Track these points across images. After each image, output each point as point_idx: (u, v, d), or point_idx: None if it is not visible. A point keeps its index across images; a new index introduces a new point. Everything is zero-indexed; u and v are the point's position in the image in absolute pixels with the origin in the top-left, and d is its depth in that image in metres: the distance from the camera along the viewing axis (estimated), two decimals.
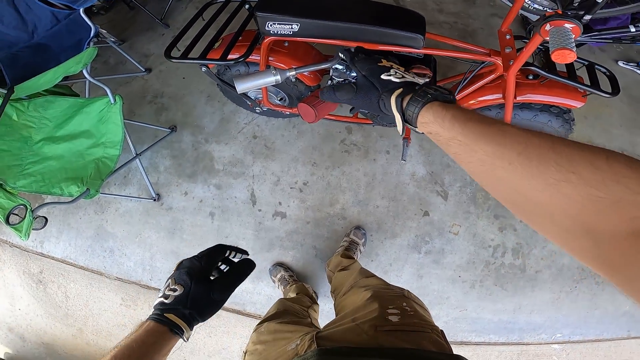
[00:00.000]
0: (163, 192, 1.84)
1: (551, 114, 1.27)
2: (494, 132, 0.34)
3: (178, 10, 2.26)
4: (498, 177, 0.33)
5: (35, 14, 1.67)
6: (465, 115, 0.39)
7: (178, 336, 0.48)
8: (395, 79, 0.51)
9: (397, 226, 1.72)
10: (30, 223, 1.20)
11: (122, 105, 1.46)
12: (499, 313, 1.64)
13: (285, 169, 1.81)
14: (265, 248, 1.74)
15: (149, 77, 2.04)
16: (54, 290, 1.84)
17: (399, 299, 0.72)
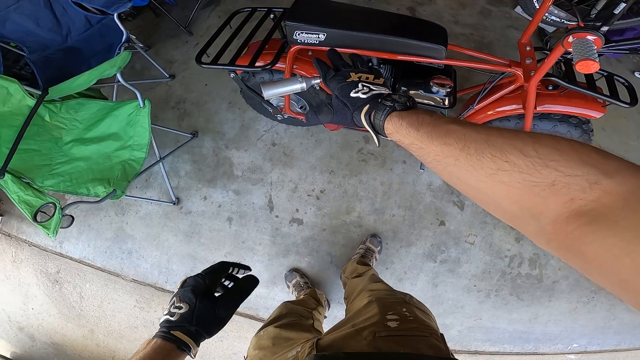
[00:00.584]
0: (183, 196, 1.87)
1: (570, 124, 1.28)
2: (441, 133, 0.37)
3: (201, 18, 2.36)
4: (450, 172, 0.36)
5: (70, 17, 1.75)
6: (418, 120, 0.42)
7: (185, 353, 0.49)
8: (362, 94, 0.52)
9: (413, 235, 1.73)
10: (59, 220, 1.23)
11: (150, 109, 1.51)
12: (514, 323, 1.63)
13: (303, 176, 1.84)
14: (282, 254, 1.76)
15: (172, 84, 2.11)
16: (69, 290, 1.86)
17: (400, 304, 0.72)
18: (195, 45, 2.25)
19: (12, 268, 1.91)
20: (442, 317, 1.64)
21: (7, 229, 1.97)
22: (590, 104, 1.20)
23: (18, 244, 1.93)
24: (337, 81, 0.56)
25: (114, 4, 1.57)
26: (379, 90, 0.53)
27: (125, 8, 1.59)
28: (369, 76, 0.56)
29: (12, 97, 1.38)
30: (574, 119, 1.28)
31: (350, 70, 0.57)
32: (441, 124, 0.39)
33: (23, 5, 1.64)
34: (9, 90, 1.36)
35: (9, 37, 1.67)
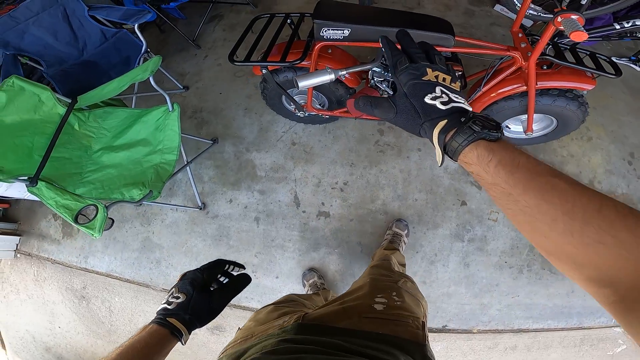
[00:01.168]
0: (208, 200, 1.90)
1: (567, 98, 1.42)
2: (542, 186, 0.33)
3: (207, 32, 2.47)
4: (536, 228, 0.33)
5: (86, 31, 1.82)
6: (512, 161, 0.36)
7: (177, 339, 0.53)
8: (441, 104, 0.43)
9: (438, 217, 1.79)
10: (104, 218, 1.23)
11: (180, 112, 1.56)
12: (552, 298, 1.66)
13: (325, 171, 1.90)
14: (312, 248, 1.78)
15: (187, 94, 2.18)
16: (98, 305, 1.82)
17: (391, 288, 0.75)
18: (204, 57, 2.34)
19: (35, 287, 1.86)
20: (478, 296, 1.67)
21: (26, 248, 1.94)
22: (581, 78, 1.35)
23: (40, 262, 1.90)
24: (411, 76, 0.46)
25: (133, 16, 1.64)
26: (460, 103, 0.44)
27: (146, 19, 1.65)
28: (446, 77, 0.46)
29: (44, 105, 1.41)
30: (570, 93, 1.41)
31: (427, 65, 0.46)
32: (543, 173, 0.34)
33: (42, 18, 1.69)
34: (41, 97, 1.39)
35: (27, 51, 1.71)
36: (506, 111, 1.52)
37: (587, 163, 1.89)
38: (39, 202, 2.03)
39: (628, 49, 2.32)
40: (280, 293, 1.73)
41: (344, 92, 1.63)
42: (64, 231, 1.95)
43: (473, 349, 1.63)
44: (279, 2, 2.59)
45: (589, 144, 1.94)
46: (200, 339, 1.74)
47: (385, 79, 1.53)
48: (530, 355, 1.63)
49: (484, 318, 1.65)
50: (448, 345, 1.63)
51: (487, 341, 1.63)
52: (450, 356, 1.63)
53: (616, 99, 2.10)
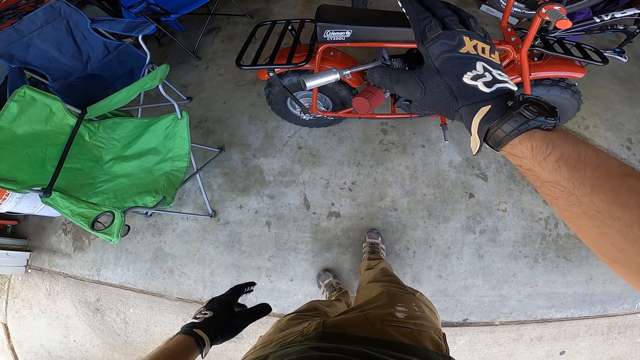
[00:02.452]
0: (218, 208, 1.91)
1: (560, 87, 1.48)
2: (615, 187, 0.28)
3: (206, 44, 2.53)
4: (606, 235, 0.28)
5: (89, 44, 1.85)
6: (577, 155, 0.30)
7: (199, 350, 0.57)
8: (484, 86, 0.35)
9: (447, 210, 1.80)
10: (122, 223, 1.24)
11: (189, 120, 1.59)
12: (571, 286, 1.65)
13: (333, 172, 1.92)
14: (325, 248, 1.79)
15: (191, 105, 2.22)
16: (112, 317, 1.80)
17: (409, 299, 0.75)
18: (206, 68, 2.40)
19: (48, 301, 1.85)
20: (496, 288, 1.66)
21: (37, 264, 1.93)
22: (571, 67, 1.42)
23: (52, 277, 1.89)
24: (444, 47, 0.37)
25: (136, 28, 1.67)
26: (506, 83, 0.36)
27: (149, 31, 1.67)
28: (485, 47, 0.38)
29: (55, 116, 1.43)
30: (562, 82, 1.48)
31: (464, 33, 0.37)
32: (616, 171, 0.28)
33: (46, 31, 1.72)
34: (52, 108, 1.41)
35: (32, 64, 1.73)
36: None
37: None
38: (48, 218, 2.04)
39: (611, 42, 2.40)
40: (295, 296, 1.72)
41: (347, 93, 1.67)
42: (75, 245, 1.95)
43: (497, 342, 1.61)
44: (275, 13, 2.67)
45: (586, 132, 1.98)
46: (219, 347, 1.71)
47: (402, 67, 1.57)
48: (557, 345, 1.61)
49: (504, 309, 1.64)
50: (471, 339, 1.62)
51: (510, 333, 1.61)
52: (475, 349, 1.62)
53: (607, 89, 2.16)
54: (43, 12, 1.70)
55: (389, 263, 1.55)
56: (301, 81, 1.36)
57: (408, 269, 1.72)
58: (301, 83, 1.36)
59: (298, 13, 2.59)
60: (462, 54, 0.36)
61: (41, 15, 1.70)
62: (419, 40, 0.38)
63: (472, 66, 0.36)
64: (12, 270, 1.92)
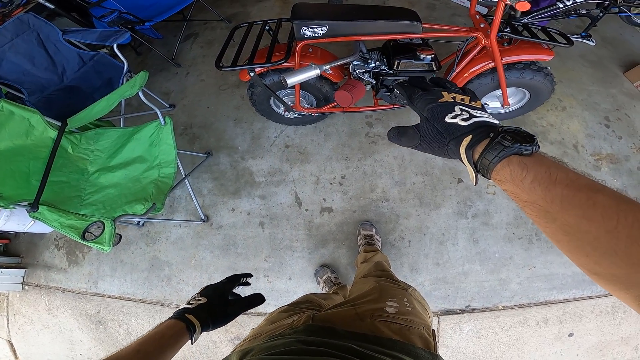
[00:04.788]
0: (211, 212, 1.90)
1: (532, 70, 1.53)
2: (582, 203, 0.31)
3: (185, 50, 2.52)
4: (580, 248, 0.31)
5: (63, 56, 1.82)
6: (549, 177, 0.34)
7: (190, 335, 0.57)
8: (462, 121, 0.42)
9: (438, 197, 1.82)
10: (112, 231, 1.23)
11: (172, 126, 1.59)
12: (570, 266, 1.65)
13: (322, 168, 1.93)
14: (320, 244, 1.79)
15: (174, 112, 2.21)
16: (115, 328, 1.79)
17: (401, 294, 0.74)
18: (186, 74, 2.39)
19: (49, 316, 1.83)
20: (495, 272, 1.67)
21: (34, 280, 1.92)
22: (539, 50, 1.48)
23: (49, 292, 1.87)
24: (427, 101, 0.45)
25: (110, 37, 1.64)
26: (483, 117, 0.42)
27: (124, 39, 1.63)
28: (464, 97, 0.46)
29: (35, 129, 1.41)
30: (534, 65, 1.53)
31: (441, 89, 0.47)
32: (583, 188, 0.32)
33: (17, 44, 1.69)
34: (31, 121, 1.39)
35: (5, 78, 1.70)
36: (481, 88, 1.61)
37: (567, 130, 1.96)
38: (38, 235, 2.02)
39: (577, 27, 2.45)
40: (295, 294, 1.73)
41: (330, 88, 1.68)
42: (69, 259, 1.94)
43: (503, 327, 1.63)
44: (252, 15, 2.67)
45: (564, 113, 2.02)
46: (221, 350, 1.72)
47: (366, 70, 1.59)
48: (564, 327, 1.62)
49: (506, 293, 1.66)
50: (477, 325, 1.63)
51: (515, 317, 1.63)
52: (481, 336, 1.63)
53: (579, 72, 2.21)
54: (12, 25, 1.67)
55: (385, 255, 1.55)
56: (282, 79, 1.37)
57: (405, 259, 1.73)
58: (282, 81, 1.37)
59: (275, 15, 2.59)
60: (442, 102, 0.45)
61: (10, 29, 1.67)
62: (410, 103, 0.49)
63: (451, 109, 0.44)
64: (8, 288, 1.91)
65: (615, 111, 2.03)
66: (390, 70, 1.52)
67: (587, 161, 1.87)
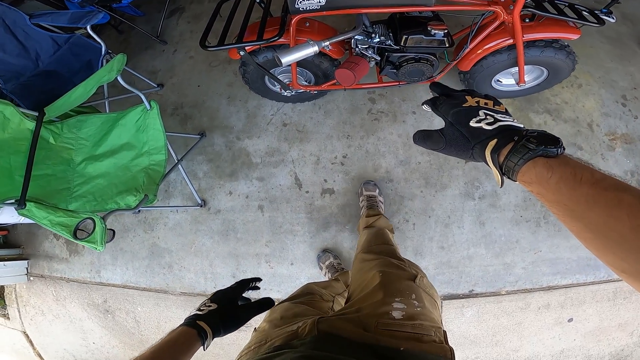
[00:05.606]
0: (207, 196, 1.84)
1: (554, 48, 1.39)
2: (608, 202, 0.32)
3: (170, 26, 2.31)
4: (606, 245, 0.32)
5: (35, 40, 1.68)
6: (574, 177, 0.34)
7: (201, 341, 0.57)
8: (487, 125, 0.43)
9: (444, 177, 1.74)
10: (103, 230, 1.18)
11: (159, 110, 1.47)
12: (575, 250, 1.61)
13: (322, 147, 1.83)
14: (322, 228, 1.75)
15: (163, 92, 2.06)
16: (123, 317, 1.82)
17: (408, 288, 0.69)
18: (174, 52, 2.20)
19: (58, 306, 1.86)
20: (500, 256, 1.64)
21: (37, 270, 1.92)
22: (566, 28, 1.33)
23: (55, 282, 1.88)
24: (451, 106, 0.47)
25: (82, 18, 1.49)
26: (508, 120, 0.43)
27: (97, 20, 1.51)
28: (488, 102, 0.47)
29: (10, 122, 1.31)
30: (556, 43, 1.38)
31: (464, 94, 0.48)
32: (609, 188, 0.32)
33: None
34: (5, 114, 1.29)
35: None
36: (496, 65, 1.47)
37: (582, 108, 1.83)
38: (36, 225, 1.98)
39: (597, 2, 2.18)
40: (298, 280, 1.72)
41: (329, 65, 1.53)
42: (70, 249, 1.92)
43: (505, 311, 1.63)
44: None
45: (580, 91, 1.86)
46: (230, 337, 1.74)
47: (370, 45, 1.42)
48: (565, 312, 1.62)
49: (510, 278, 1.64)
50: (479, 310, 1.63)
51: (518, 302, 1.62)
52: (483, 320, 1.64)
53: (597, 49, 2.02)
54: None
55: (387, 220, 1.47)
56: (276, 57, 1.23)
57: (409, 242, 1.69)
58: (276, 59, 1.23)
59: None
60: (466, 107, 0.46)
61: None
62: (433, 108, 0.50)
63: (475, 114, 0.45)
64: (14, 280, 1.91)
65: (633, 90, 1.88)
66: (397, 46, 1.36)
67: (601, 140, 1.76)
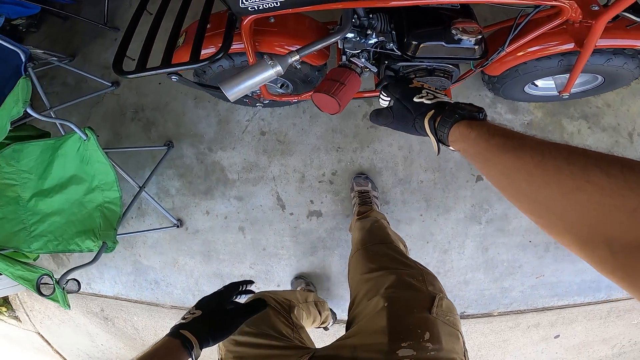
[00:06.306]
0: (184, 215, 1.68)
1: (626, 56, 1.00)
2: (515, 145, 0.36)
3: (122, 8, 1.81)
4: (518, 187, 0.34)
5: None
6: (488, 132, 0.40)
7: (187, 353, 0.50)
8: (427, 100, 0.52)
9: (449, 198, 1.49)
10: (62, 293, 1.13)
11: (97, 139, 1.21)
12: (581, 273, 1.48)
13: (308, 161, 1.56)
14: (308, 252, 1.61)
15: (120, 91, 1.72)
16: (122, 324, 1.88)
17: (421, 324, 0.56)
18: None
19: (61, 313, 1.95)
20: (498, 281, 1.52)
21: None
22: None
23: None
24: (400, 86, 0.57)
25: None
26: (445, 99, 0.52)
27: None
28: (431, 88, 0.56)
29: None
30: (629, 50, 0.98)
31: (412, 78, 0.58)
32: (515, 136, 0.37)
33: None
34: None
35: None
36: (537, 72, 1.08)
37: (626, 112, 1.43)
38: None
39: None
40: None
41: (310, 71, 1.16)
42: (56, 261, 1.89)
43: (493, 330, 1.58)
44: None
45: (627, 90, 1.43)
46: None
47: (365, 49, 1.03)
48: (553, 330, 1.58)
49: (505, 301, 1.54)
50: (467, 329, 1.58)
51: (508, 322, 1.56)
52: (470, 338, 1.61)
53: None
54: None
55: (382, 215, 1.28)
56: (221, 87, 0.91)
57: None
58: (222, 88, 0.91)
59: None
60: (412, 87, 0.56)
61: None
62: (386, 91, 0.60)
63: (419, 92, 0.54)
64: (11, 291, 1.95)
65: None
66: (402, 53, 0.97)
67: (639, 153, 1.42)
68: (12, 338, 2.19)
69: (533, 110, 1.45)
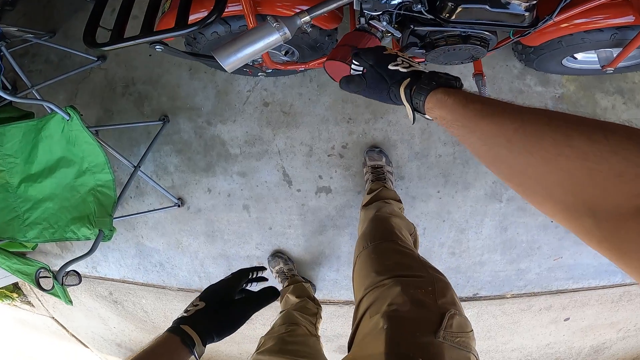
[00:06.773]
0: (184, 194, 1.59)
1: None
2: (493, 111, 0.34)
3: None
4: (496, 154, 0.33)
5: None
6: (466, 98, 0.39)
7: (189, 350, 0.46)
8: (403, 68, 0.50)
9: (469, 174, 1.38)
10: (62, 289, 1.09)
11: (82, 118, 1.09)
12: (599, 256, 1.36)
13: (316, 134, 1.43)
14: (317, 231, 1.53)
15: (107, 65, 1.55)
16: (131, 307, 1.87)
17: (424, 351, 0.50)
18: (112, 11, 1.52)
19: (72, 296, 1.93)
20: (515, 262, 1.45)
21: None
22: None
23: None
24: (373, 52, 0.54)
25: None
26: (419, 67, 0.51)
27: None
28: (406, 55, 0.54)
29: None
30: None
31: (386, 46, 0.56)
32: (492, 102, 0.36)
33: None
34: None
35: None
36: (585, 45, 0.92)
37: None
38: None
39: None
40: None
41: (319, 36, 1.01)
42: (60, 245, 1.84)
43: (505, 312, 1.55)
44: None
45: None
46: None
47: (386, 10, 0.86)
48: (564, 313, 1.56)
49: (519, 283, 1.49)
50: (479, 311, 1.55)
51: (521, 304, 1.53)
52: (481, 319, 1.58)
53: None
54: None
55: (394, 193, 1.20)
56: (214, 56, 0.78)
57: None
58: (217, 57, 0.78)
59: None
60: (386, 53, 0.53)
61: None
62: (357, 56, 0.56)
63: (394, 59, 0.52)
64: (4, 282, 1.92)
65: None
66: (434, 16, 0.81)
67: None
68: (28, 323, 2.21)
69: (565, 83, 1.29)
